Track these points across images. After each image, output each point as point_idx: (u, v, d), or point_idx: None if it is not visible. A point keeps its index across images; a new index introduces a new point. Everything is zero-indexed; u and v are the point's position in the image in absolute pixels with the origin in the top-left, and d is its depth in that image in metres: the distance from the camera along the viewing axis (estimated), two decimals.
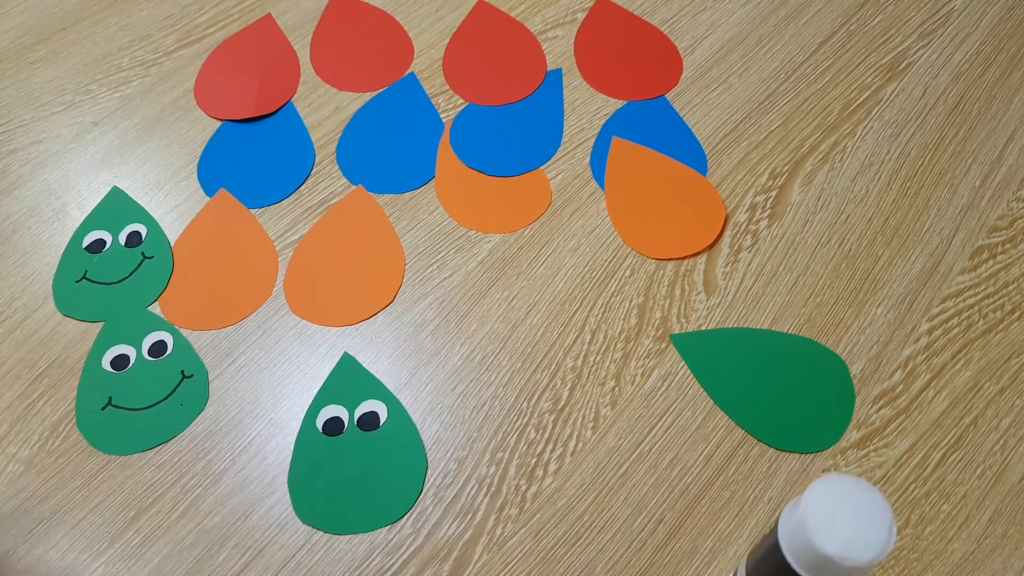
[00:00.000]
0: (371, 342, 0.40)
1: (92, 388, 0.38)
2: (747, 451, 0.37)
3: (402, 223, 0.43)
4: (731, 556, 0.34)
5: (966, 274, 0.42)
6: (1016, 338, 0.40)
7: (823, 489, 0.24)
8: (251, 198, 0.44)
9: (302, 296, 0.41)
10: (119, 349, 0.39)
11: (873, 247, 0.42)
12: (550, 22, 0.51)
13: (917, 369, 0.39)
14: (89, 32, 0.51)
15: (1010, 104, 0.47)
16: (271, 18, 0.52)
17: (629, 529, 0.35)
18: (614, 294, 0.41)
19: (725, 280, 0.41)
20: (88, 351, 0.39)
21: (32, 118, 0.47)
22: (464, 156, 0.46)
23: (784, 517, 0.26)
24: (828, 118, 0.47)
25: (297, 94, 0.48)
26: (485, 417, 0.38)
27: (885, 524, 0.24)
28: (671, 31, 0.51)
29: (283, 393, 0.38)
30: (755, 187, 0.44)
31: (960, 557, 0.34)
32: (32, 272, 0.42)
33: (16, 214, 0.44)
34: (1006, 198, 0.44)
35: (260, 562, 0.34)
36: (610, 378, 0.38)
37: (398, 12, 0.52)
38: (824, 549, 0.23)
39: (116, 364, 0.39)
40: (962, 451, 0.37)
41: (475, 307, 0.41)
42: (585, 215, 0.43)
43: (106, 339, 0.39)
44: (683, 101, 0.48)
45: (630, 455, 0.37)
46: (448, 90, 0.48)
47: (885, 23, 0.51)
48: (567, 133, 0.46)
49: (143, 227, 0.43)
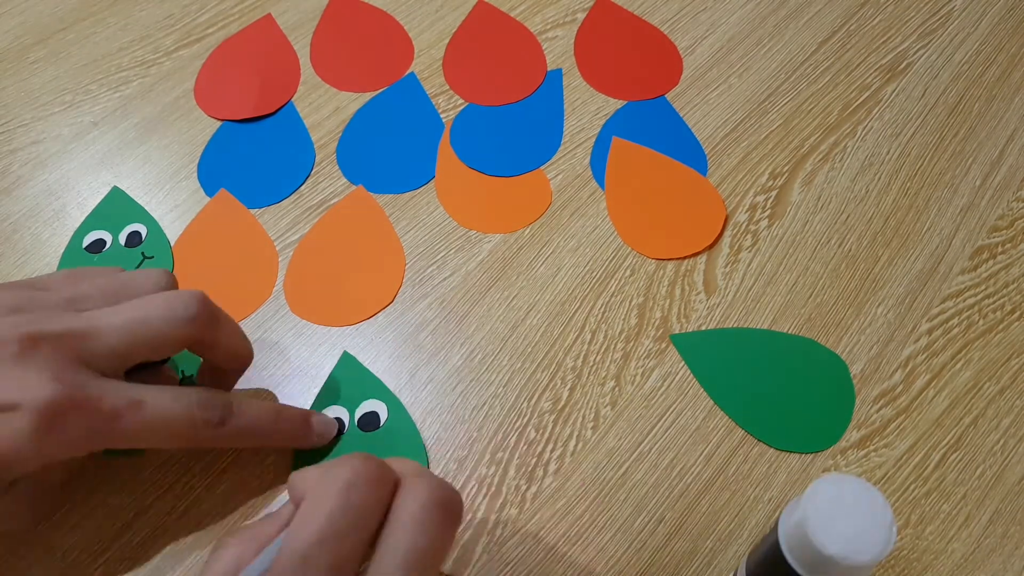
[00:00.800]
0: (371, 342, 0.40)
1: None
2: (747, 451, 0.37)
3: (402, 223, 0.43)
4: (731, 556, 0.34)
5: (966, 274, 0.42)
6: (1016, 338, 0.40)
7: (823, 489, 0.24)
8: (251, 198, 0.44)
9: (302, 296, 0.41)
10: None
11: (873, 247, 0.42)
12: (550, 22, 0.51)
13: (917, 369, 0.39)
14: (89, 32, 0.51)
15: (1010, 104, 0.47)
16: (271, 18, 0.52)
17: (629, 529, 0.35)
18: (614, 294, 0.41)
19: (725, 280, 0.41)
20: None
21: (32, 118, 0.47)
22: (464, 156, 0.46)
23: (784, 517, 0.26)
24: (828, 118, 0.47)
25: (297, 94, 0.48)
26: (485, 417, 0.38)
27: (885, 524, 0.24)
28: (671, 31, 0.51)
29: (283, 393, 0.38)
30: (755, 187, 0.44)
31: (960, 557, 0.34)
32: (32, 272, 0.42)
33: (16, 214, 0.44)
34: (1006, 198, 0.44)
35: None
36: (610, 378, 0.38)
37: (398, 12, 0.52)
38: (824, 549, 0.23)
39: None
40: (962, 451, 0.37)
41: (475, 307, 0.41)
42: (585, 215, 0.43)
43: None
44: (683, 101, 0.48)
45: (630, 455, 0.37)
46: (448, 90, 0.48)
47: (885, 23, 0.51)
48: (567, 133, 0.46)
49: (143, 227, 0.43)
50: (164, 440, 0.31)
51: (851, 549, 0.23)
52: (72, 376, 0.28)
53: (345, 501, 0.25)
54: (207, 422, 0.31)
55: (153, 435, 0.30)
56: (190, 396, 0.31)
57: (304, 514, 0.25)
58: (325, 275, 0.42)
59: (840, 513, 0.24)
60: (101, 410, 0.28)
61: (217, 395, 0.32)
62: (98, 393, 0.28)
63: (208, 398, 0.31)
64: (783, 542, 0.26)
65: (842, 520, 0.24)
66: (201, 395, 0.31)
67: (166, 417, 0.30)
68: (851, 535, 0.24)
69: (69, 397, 0.27)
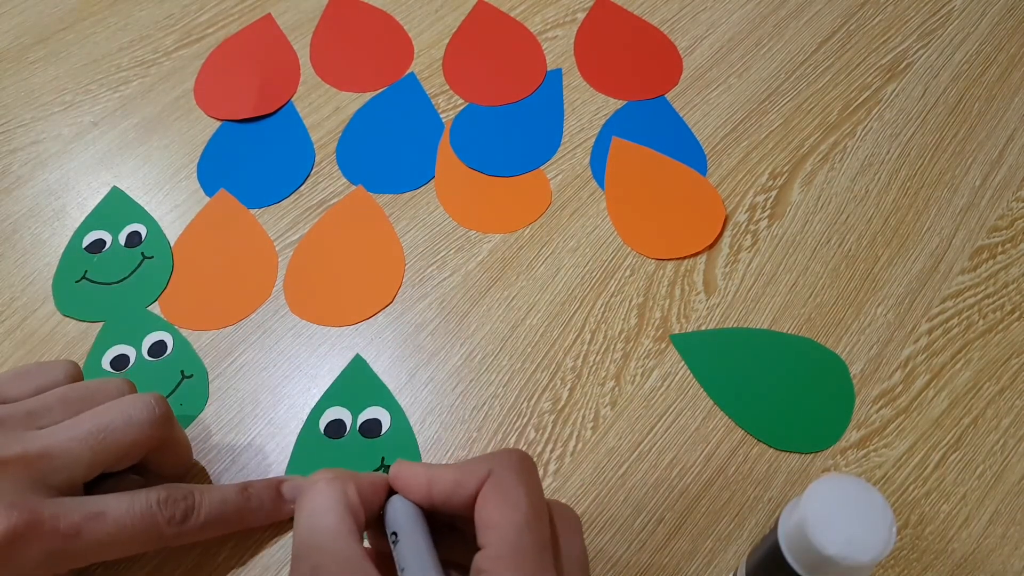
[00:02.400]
0: (371, 342, 0.40)
1: None
2: (747, 451, 0.37)
3: (402, 223, 0.43)
4: (731, 556, 0.34)
5: (966, 274, 0.42)
6: (1016, 338, 0.40)
7: (823, 489, 0.24)
8: (251, 198, 0.44)
9: (302, 296, 0.41)
10: (118, 349, 0.39)
11: (873, 247, 0.42)
12: (550, 22, 0.51)
13: (917, 369, 0.39)
14: (89, 32, 0.51)
15: (1010, 104, 0.47)
16: (271, 18, 0.52)
17: (629, 529, 0.35)
18: (614, 294, 0.41)
19: (725, 280, 0.41)
20: (88, 351, 0.39)
21: (32, 118, 0.47)
22: (464, 156, 0.46)
23: (784, 517, 0.26)
24: (828, 118, 0.47)
25: (297, 94, 0.48)
26: (485, 417, 0.38)
27: (885, 524, 0.24)
28: (671, 31, 0.51)
29: (283, 393, 0.38)
30: (755, 187, 0.44)
31: (960, 557, 0.34)
32: (32, 272, 0.42)
33: (16, 214, 0.44)
34: (1006, 198, 0.44)
35: (260, 562, 0.34)
36: (610, 378, 0.38)
37: (398, 12, 0.52)
38: (824, 549, 0.23)
39: (116, 364, 0.39)
40: (962, 451, 0.37)
41: (475, 307, 0.41)
42: (585, 215, 0.43)
43: (105, 339, 0.39)
44: (683, 101, 0.48)
45: (630, 455, 0.37)
46: (448, 90, 0.48)
47: (885, 23, 0.51)
48: (567, 133, 0.46)
49: (143, 227, 0.43)
50: (127, 547, 0.30)
51: (851, 549, 0.23)
52: (28, 500, 0.27)
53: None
54: (170, 519, 0.30)
55: (116, 545, 0.29)
56: (149, 495, 0.30)
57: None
58: (325, 275, 0.42)
59: (840, 513, 0.24)
60: (58, 530, 0.27)
61: (177, 488, 0.31)
62: (54, 512, 0.27)
63: (168, 494, 0.30)
64: (783, 542, 0.26)
65: (842, 520, 0.24)
66: (160, 492, 0.30)
67: (126, 524, 0.29)
68: (851, 535, 0.23)
69: (25, 523, 0.26)
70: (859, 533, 0.24)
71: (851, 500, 0.24)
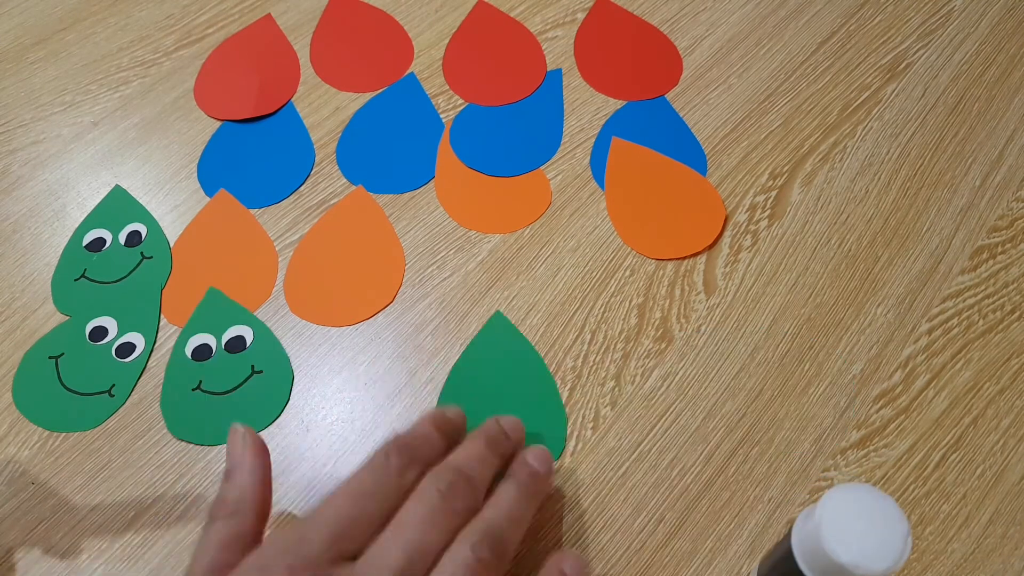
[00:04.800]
0: (371, 342, 0.40)
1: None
2: (747, 451, 0.37)
3: (402, 223, 0.43)
4: (731, 556, 0.34)
5: (966, 274, 0.42)
6: (1016, 338, 0.40)
7: (838, 497, 0.24)
8: (251, 198, 0.44)
9: (302, 296, 0.41)
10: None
11: (873, 247, 0.42)
12: (550, 22, 0.51)
13: (917, 369, 0.39)
14: (89, 32, 0.51)
15: (1010, 104, 0.47)
16: (271, 18, 0.52)
17: (629, 529, 0.35)
18: (614, 294, 0.41)
19: (725, 280, 0.41)
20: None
21: (32, 118, 0.47)
22: (464, 156, 0.46)
23: (798, 525, 0.26)
24: (828, 118, 0.47)
25: (297, 94, 0.48)
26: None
27: (901, 534, 0.23)
28: (671, 31, 0.51)
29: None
30: (755, 187, 0.44)
31: (960, 557, 0.34)
32: (32, 272, 0.42)
33: (16, 214, 0.44)
34: (1006, 198, 0.44)
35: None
36: (610, 378, 0.38)
37: (398, 12, 0.52)
38: (838, 558, 0.23)
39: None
40: (962, 451, 0.37)
41: (475, 307, 0.41)
42: (585, 215, 0.43)
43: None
44: (683, 101, 0.48)
45: (630, 455, 0.37)
46: (448, 90, 0.48)
47: (885, 23, 0.51)
48: (567, 133, 0.46)
49: (143, 227, 0.43)
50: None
51: (865, 559, 0.23)
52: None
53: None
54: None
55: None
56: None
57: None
58: (325, 275, 0.42)
59: (855, 523, 0.24)
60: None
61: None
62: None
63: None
64: (796, 550, 0.25)
65: (857, 530, 0.23)
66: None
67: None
68: (866, 545, 0.23)
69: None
70: (874, 543, 0.23)
71: (867, 509, 0.24)
